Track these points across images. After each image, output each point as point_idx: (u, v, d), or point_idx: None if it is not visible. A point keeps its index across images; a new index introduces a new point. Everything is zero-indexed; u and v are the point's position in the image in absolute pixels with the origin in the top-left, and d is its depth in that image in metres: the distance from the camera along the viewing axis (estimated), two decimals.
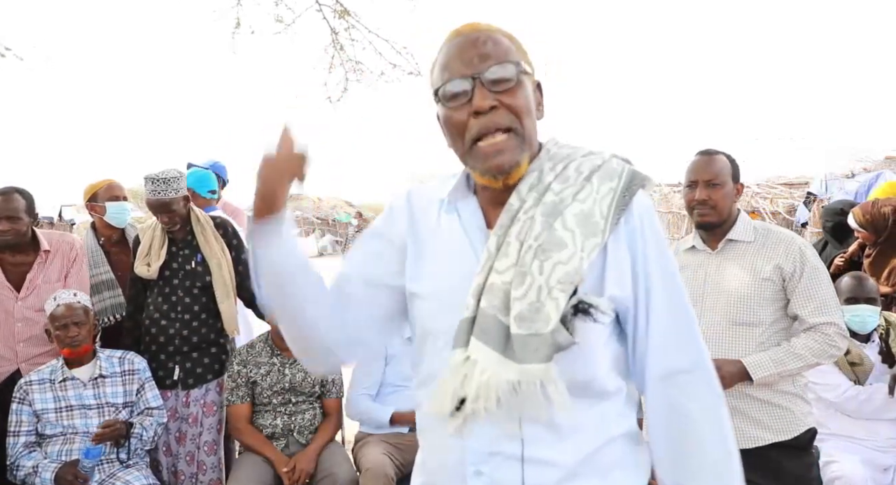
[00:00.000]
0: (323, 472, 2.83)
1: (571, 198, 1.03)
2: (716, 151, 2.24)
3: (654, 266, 1.07)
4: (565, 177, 1.05)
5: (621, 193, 1.04)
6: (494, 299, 0.99)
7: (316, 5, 5.97)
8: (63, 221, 15.12)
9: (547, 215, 1.01)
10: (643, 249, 1.06)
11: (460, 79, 1.03)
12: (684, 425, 1.06)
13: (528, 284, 0.97)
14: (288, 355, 2.98)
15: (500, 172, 1.03)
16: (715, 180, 2.17)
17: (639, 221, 1.06)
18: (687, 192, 2.26)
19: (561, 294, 0.96)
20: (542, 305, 0.96)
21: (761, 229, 2.22)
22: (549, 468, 1.02)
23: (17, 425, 2.67)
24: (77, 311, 2.74)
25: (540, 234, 1.00)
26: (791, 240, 2.15)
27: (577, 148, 1.11)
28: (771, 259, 2.13)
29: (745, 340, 2.14)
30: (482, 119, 1.02)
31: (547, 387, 0.95)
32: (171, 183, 2.91)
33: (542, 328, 0.95)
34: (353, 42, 6.25)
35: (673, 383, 1.07)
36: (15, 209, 2.80)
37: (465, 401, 0.97)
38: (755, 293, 2.13)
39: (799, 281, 2.10)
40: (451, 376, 0.99)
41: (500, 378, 0.96)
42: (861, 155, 9.74)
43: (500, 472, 1.03)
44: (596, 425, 1.06)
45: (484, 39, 1.05)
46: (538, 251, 0.99)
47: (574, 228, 1.00)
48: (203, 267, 3.01)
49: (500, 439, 1.02)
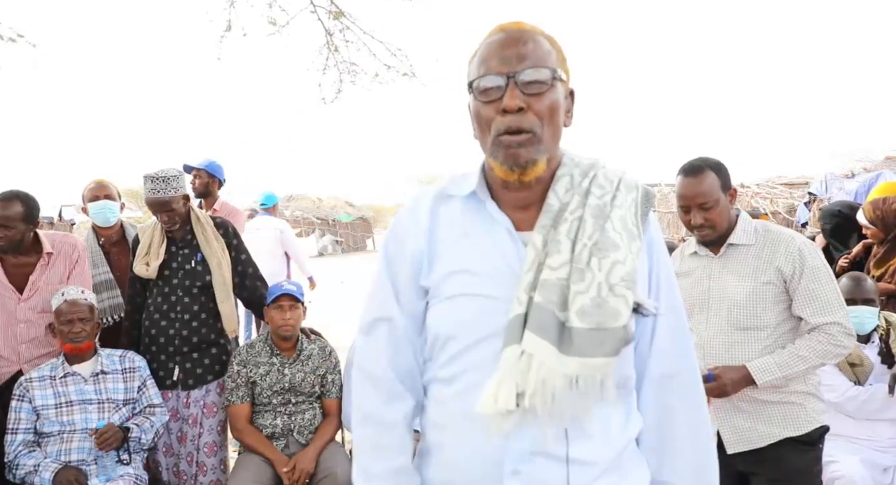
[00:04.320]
0: (323, 472, 2.83)
1: (611, 203, 1.08)
2: (700, 166, 2.17)
3: (664, 276, 1.15)
4: (600, 183, 1.10)
5: (642, 204, 1.11)
6: (551, 295, 1.01)
7: (310, 6, 5.97)
8: (63, 221, 15.12)
9: (596, 217, 1.06)
10: (657, 258, 1.14)
11: (496, 75, 1.06)
12: (671, 424, 1.14)
13: (589, 281, 1.01)
14: (288, 355, 2.99)
15: (517, 165, 1.05)
16: (706, 202, 2.14)
17: (655, 234, 1.14)
18: (682, 214, 2.23)
19: (627, 292, 1.01)
20: (604, 301, 1.00)
21: (762, 231, 2.19)
22: (590, 467, 1.06)
23: (15, 423, 2.67)
24: (83, 307, 2.75)
25: (593, 234, 1.04)
26: (790, 240, 2.14)
27: (590, 157, 1.16)
28: (771, 262, 2.12)
29: (751, 344, 2.13)
30: (508, 117, 1.05)
31: (606, 381, 0.99)
32: (170, 182, 2.91)
33: (611, 323, 0.99)
34: (348, 43, 6.25)
35: (667, 385, 1.14)
36: (7, 217, 2.76)
37: (520, 396, 0.99)
38: (757, 297, 2.12)
39: (799, 282, 2.09)
40: (508, 372, 0.99)
41: (557, 373, 0.98)
42: (861, 155, 9.74)
43: (542, 472, 1.04)
44: (623, 425, 1.11)
45: (525, 40, 1.07)
46: (594, 250, 1.03)
47: (621, 231, 1.05)
48: (203, 267, 3.01)
49: (543, 438, 1.03)
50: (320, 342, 3.12)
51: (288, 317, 2.94)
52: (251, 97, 59.25)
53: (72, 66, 49.94)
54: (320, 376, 3.01)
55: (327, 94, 6.47)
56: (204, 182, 4.25)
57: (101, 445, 2.61)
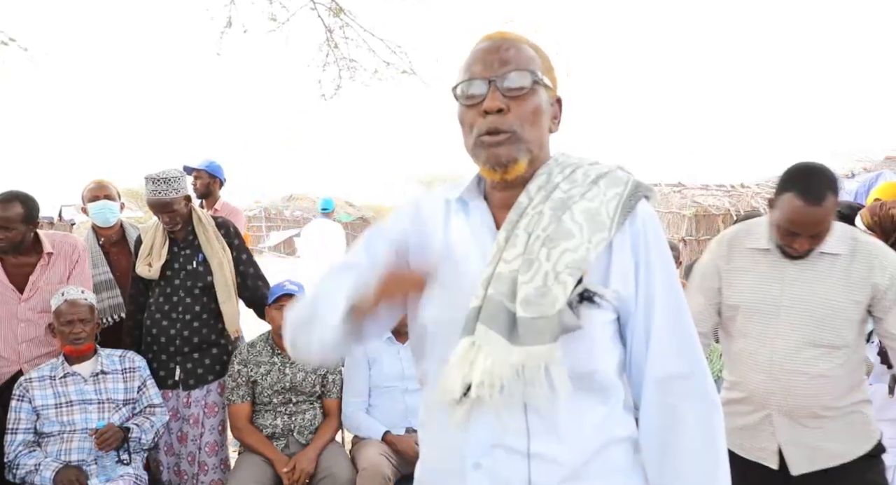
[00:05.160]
0: (323, 472, 2.83)
1: (580, 196, 1.08)
2: (823, 192, 1.83)
3: (657, 272, 1.10)
4: (573, 179, 1.10)
5: (627, 198, 1.08)
6: (502, 286, 1.03)
7: (310, 3, 5.98)
8: (63, 221, 15.11)
9: (555, 209, 1.06)
10: (646, 253, 1.10)
11: (478, 80, 1.08)
12: (677, 430, 1.09)
13: (535, 270, 1.02)
14: (288, 355, 2.98)
15: (498, 164, 1.07)
16: (822, 232, 1.88)
17: (642, 226, 1.10)
18: (782, 234, 1.92)
19: (569, 278, 1.00)
20: (548, 290, 1.00)
21: (850, 239, 1.95)
22: (555, 466, 1.04)
23: (15, 423, 2.67)
24: (83, 308, 2.75)
25: (548, 225, 1.05)
26: (885, 254, 1.94)
27: (584, 158, 1.16)
28: (867, 278, 1.90)
29: (824, 363, 1.91)
30: (489, 118, 1.07)
31: (550, 370, 0.98)
32: (172, 183, 2.91)
33: (549, 310, 0.99)
34: (348, 40, 6.27)
35: (670, 387, 1.09)
36: (7, 218, 2.77)
37: (470, 387, 0.99)
38: (844, 314, 1.91)
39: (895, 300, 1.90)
40: (458, 362, 1.01)
41: (504, 362, 0.99)
42: (861, 155, 9.75)
43: (503, 466, 1.04)
44: (598, 426, 1.07)
45: (507, 46, 1.10)
46: (546, 240, 1.03)
47: (582, 222, 1.05)
48: (204, 267, 3.01)
49: (504, 431, 1.03)
50: None
51: None
52: (251, 96, 59.25)
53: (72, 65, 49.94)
54: (321, 375, 3.02)
55: (327, 91, 6.49)
56: (205, 183, 4.27)
57: (101, 445, 2.61)
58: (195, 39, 22.42)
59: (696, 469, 1.08)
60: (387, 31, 9.22)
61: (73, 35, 48.31)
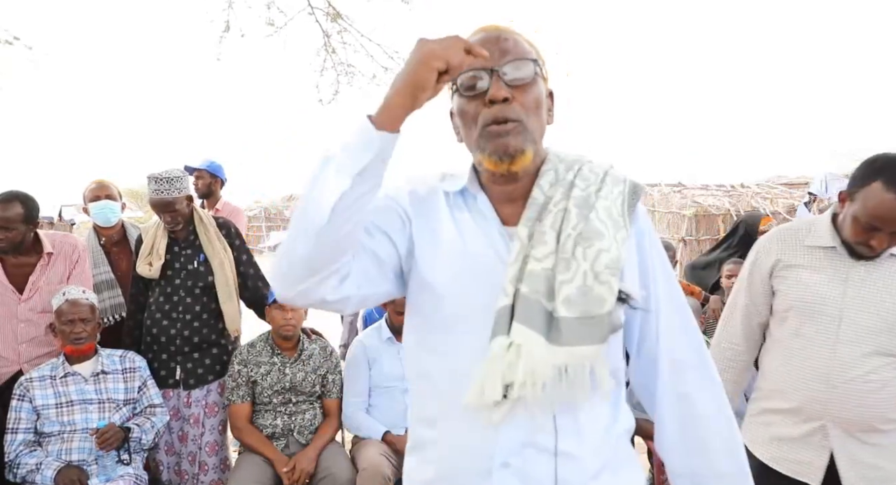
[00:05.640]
0: (323, 472, 2.83)
1: (595, 194, 1.08)
2: None
3: (659, 268, 1.15)
4: (584, 176, 1.11)
5: (629, 197, 1.10)
6: (537, 285, 1.01)
7: (308, 8, 5.98)
8: (63, 221, 15.12)
9: (580, 207, 1.06)
10: (649, 250, 1.14)
11: (479, 71, 1.06)
12: (695, 415, 1.14)
13: (574, 270, 1.02)
14: (289, 355, 2.99)
15: (506, 154, 1.05)
16: None
17: (645, 225, 1.14)
18: (860, 229, 1.74)
19: (612, 278, 1.01)
20: (590, 289, 1.00)
21: None
22: (578, 463, 1.06)
23: (15, 423, 2.67)
24: (84, 308, 2.75)
25: (577, 224, 1.05)
26: None
27: (579, 154, 1.17)
28: None
29: (889, 372, 1.75)
30: (495, 108, 1.05)
31: (596, 370, 1.00)
32: (174, 182, 2.92)
33: (597, 310, 1.00)
34: (345, 45, 6.27)
35: (682, 377, 1.14)
36: (7, 219, 2.77)
37: (509, 387, 0.99)
38: None
39: None
40: (495, 363, 0.99)
41: (546, 363, 0.99)
42: (861, 155, 9.74)
43: (532, 465, 1.04)
44: (610, 421, 1.11)
45: (506, 37, 1.09)
46: (578, 239, 1.03)
47: (606, 221, 1.06)
48: (205, 267, 3.01)
49: (534, 430, 1.04)
50: (321, 342, 3.13)
51: (289, 317, 2.94)
52: (251, 97, 59.27)
53: (72, 66, 49.99)
54: (321, 375, 3.02)
55: (325, 96, 6.49)
56: (206, 183, 4.28)
57: (101, 445, 2.61)
58: (195, 40, 22.47)
59: (721, 446, 1.15)
60: (384, 36, 9.24)
61: (74, 35, 48.36)
